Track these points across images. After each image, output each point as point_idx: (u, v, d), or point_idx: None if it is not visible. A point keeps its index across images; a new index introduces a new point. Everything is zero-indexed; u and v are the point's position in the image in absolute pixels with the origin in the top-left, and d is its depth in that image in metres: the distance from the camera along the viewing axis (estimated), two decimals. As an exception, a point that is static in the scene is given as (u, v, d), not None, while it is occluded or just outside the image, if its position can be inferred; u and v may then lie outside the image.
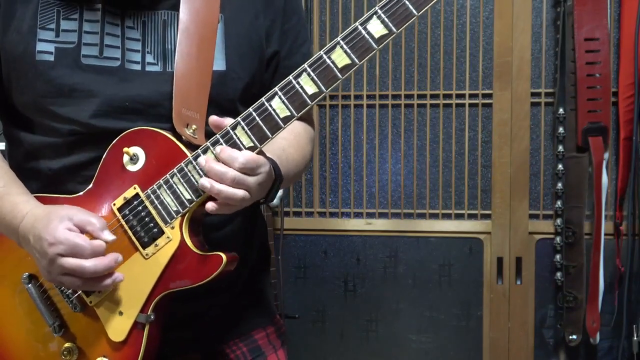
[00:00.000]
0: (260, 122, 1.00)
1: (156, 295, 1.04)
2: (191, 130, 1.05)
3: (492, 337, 2.46)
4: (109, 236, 1.01)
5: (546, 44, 2.40)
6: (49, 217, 1.01)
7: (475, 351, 2.48)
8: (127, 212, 1.05)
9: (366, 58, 0.98)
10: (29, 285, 1.10)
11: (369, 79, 2.51)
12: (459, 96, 2.47)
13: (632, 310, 2.32)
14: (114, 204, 1.06)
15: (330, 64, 0.98)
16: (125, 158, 1.06)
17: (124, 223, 1.05)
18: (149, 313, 1.04)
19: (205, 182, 0.99)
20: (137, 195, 1.05)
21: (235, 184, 0.98)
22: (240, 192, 0.98)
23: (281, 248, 2.51)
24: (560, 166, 2.37)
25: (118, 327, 1.05)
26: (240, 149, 1.00)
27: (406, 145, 2.51)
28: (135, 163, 1.06)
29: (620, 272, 2.33)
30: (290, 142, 1.18)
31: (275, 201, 2.42)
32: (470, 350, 2.49)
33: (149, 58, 1.09)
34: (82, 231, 1.01)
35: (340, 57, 0.98)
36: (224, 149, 0.99)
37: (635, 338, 2.31)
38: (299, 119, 1.20)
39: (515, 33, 2.39)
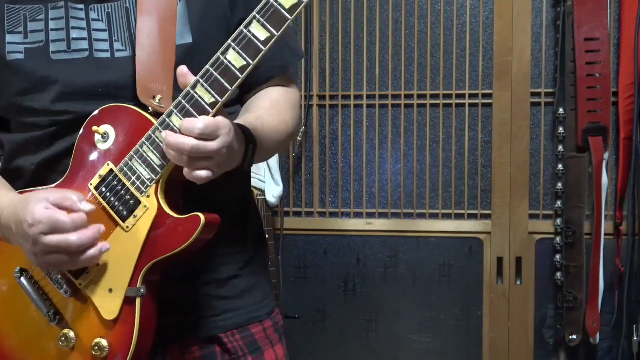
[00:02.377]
0: (218, 76, 1.00)
1: (143, 266, 1.04)
2: (157, 101, 1.07)
3: (492, 337, 2.46)
4: (87, 206, 1.02)
5: (546, 44, 2.40)
6: (27, 201, 1.02)
7: (475, 351, 2.48)
8: (104, 189, 1.06)
9: None
10: (21, 279, 1.11)
11: (369, 79, 2.51)
12: (459, 96, 2.47)
13: (632, 310, 2.32)
14: (91, 184, 1.07)
15: (278, 6, 0.98)
16: (97, 137, 1.08)
17: (101, 200, 1.06)
18: (138, 286, 1.04)
19: (168, 152, 1.00)
20: (111, 171, 1.06)
21: (196, 151, 0.97)
22: (203, 163, 0.98)
23: (281, 248, 2.51)
24: (560, 166, 2.37)
25: (109, 305, 1.05)
26: (203, 107, 1.00)
27: (406, 145, 2.51)
28: (106, 141, 1.07)
29: (620, 272, 2.33)
30: (266, 110, 1.18)
31: (275, 201, 2.43)
32: (470, 350, 2.49)
33: (118, 45, 1.12)
34: (61, 207, 1.01)
35: None
36: (182, 123, 0.99)
37: (635, 338, 2.31)
38: (278, 85, 1.22)
39: (515, 33, 2.39)
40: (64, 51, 1.11)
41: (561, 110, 2.35)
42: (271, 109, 1.19)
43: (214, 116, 1.00)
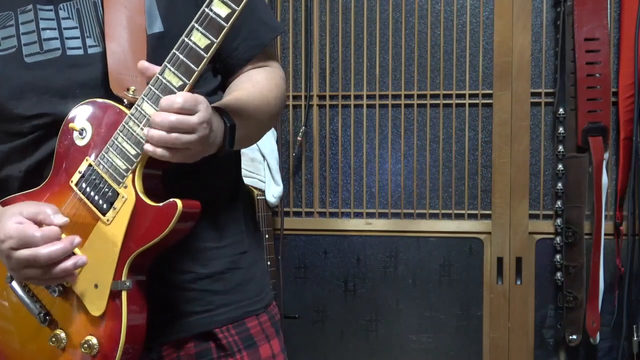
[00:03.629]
0: (184, 58, 1.00)
1: (125, 259, 1.03)
2: (131, 92, 1.06)
3: (492, 337, 2.46)
4: (60, 219, 1.02)
5: (546, 44, 2.40)
6: (1, 218, 1.03)
7: (475, 351, 2.48)
8: (84, 185, 1.06)
9: None
10: (12, 283, 1.11)
11: (369, 79, 2.51)
12: (459, 96, 2.47)
13: (632, 310, 2.32)
14: (72, 181, 1.07)
15: None
16: (75, 134, 1.08)
17: (81, 196, 1.06)
18: (123, 279, 1.03)
19: (144, 131, 0.99)
20: (89, 166, 1.06)
21: (177, 126, 0.97)
22: (185, 136, 0.97)
23: (281, 248, 2.51)
24: (560, 166, 2.37)
25: (96, 301, 1.05)
26: (172, 91, 0.99)
27: (406, 145, 2.51)
28: (84, 137, 1.07)
29: (620, 272, 2.33)
30: (247, 91, 1.16)
31: (275, 201, 2.43)
32: (470, 350, 2.49)
33: (90, 41, 1.12)
34: (35, 221, 1.02)
35: None
36: (161, 101, 0.98)
37: (635, 338, 2.31)
38: (258, 64, 1.21)
39: (515, 33, 2.39)
40: (37, 53, 1.11)
41: (561, 110, 2.35)
42: (252, 89, 1.17)
43: None
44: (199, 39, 0.99)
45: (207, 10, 0.99)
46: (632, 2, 2.27)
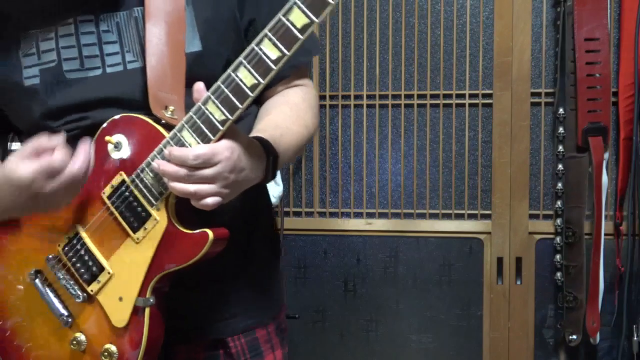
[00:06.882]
0: (229, 93, 0.99)
1: (151, 278, 1.05)
2: (169, 112, 1.06)
3: (492, 337, 2.46)
4: (57, 139, 1.01)
5: (546, 44, 2.40)
6: (5, 171, 1.00)
7: (475, 351, 2.48)
8: (116, 199, 1.07)
9: (323, 14, 0.94)
10: (36, 281, 1.13)
11: (369, 79, 2.51)
12: (459, 96, 2.47)
13: (632, 310, 2.32)
14: (104, 193, 1.08)
15: (290, 25, 0.95)
16: (110, 146, 1.08)
17: (113, 210, 1.07)
18: (147, 296, 1.06)
19: (165, 182, 1.00)
20: (123, 182, 1.07)
21: (193, 180, 0.97)
22: (205, 187, 0.97)
23: (281, 248, 2.51)
24: (560, 166, 2.37)
25: (119, 313, 1.07)
26: (213, 124, 0.99)
27: (406, 145, 2.51)
28: (119, 150, 1.08)
29: (620, 272, 2.33)
30: (286, 115, 1.17)
31: (275, 201, 2.43)
32: (470, 350, 2.49)
33: (129, 57, 1.11)
34: (39, 154, 1.00)
35: (298, 17, 0.95)
36: (172, 150, 0.98)
37: (635, 338, 2.31)
38: (295, 86, 1.21)
39: (515, 33, 2.39)
40: (77, 70, 1.11)
41: (561, 110, 2.35)
42: (290, 113, 1.17)
43: (223, 134, 0.99)
44: (245, 76, 0.98)
45: (256, 48, 0.97)
46: (632, 2, 2.27)
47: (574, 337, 2.36)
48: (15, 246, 1.15)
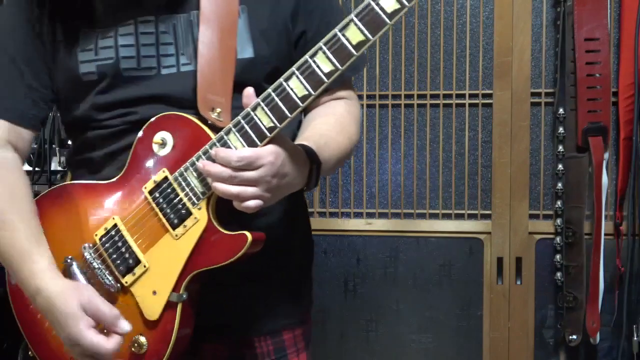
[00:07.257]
0: (279, 102, 1.00)
1: (187, 275, 1.08)
2: (216, 114, 1.08)
3: (492, 337, 2.46)
4: (125, 326, 1.06)
5: (546, 44, 2.40)
6: (60, 308, 1.06)
7: (475, 351, 2.48)
8: (157, 195, 1.09)
9: (379, 34, 0.97)
10: (73, 266, 1.15)
11: (369, 79, 2.51)
12: (459, 96, 2.47)
13: (632, 310, 2.32)
14: (145, 187, 1.10)
15: (345, 41, 0.97)
16: (155, 143, 1.11)
17: (154, 205, 1.10)
18: (181, 292, 1.08)
19: (209, 182, 1.03)
20: (166, 178, 1.09)
21: (236, 181, 0.99)
22: (248, 190, 0.99)
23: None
24: (560, 166, 2.37)
25: (152, 306, 1.09)
26: (261, 130, 1.01)
27: (406, 145, 2.51)
28: (163, 147, 1.10)
29: (620, 272, 2.32)
30: (331, 125, 1.18)
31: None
32: (470, 350, 2.49)
33: (183, 59, 1.14)
34: (96, 321, 1.06)
35: (354, 34, 0.97)
36: (218, 151, 1.01)
37: (635, 338, 2.31)
38: (340, 98, 1.23)
39: (515, 33, 2.39)
40: (134, 69, 1.14)
41: (561, 110, 2.35)
42: (335, 123, 1.19)
43: (270, 140, 1.01)
44: (296, 86, 1.00)
45: (310, 60, 0.99)
46: (632, 2, 2.27)
47: (574, 337, 2.36)
48: (53, 231, 1.17)
